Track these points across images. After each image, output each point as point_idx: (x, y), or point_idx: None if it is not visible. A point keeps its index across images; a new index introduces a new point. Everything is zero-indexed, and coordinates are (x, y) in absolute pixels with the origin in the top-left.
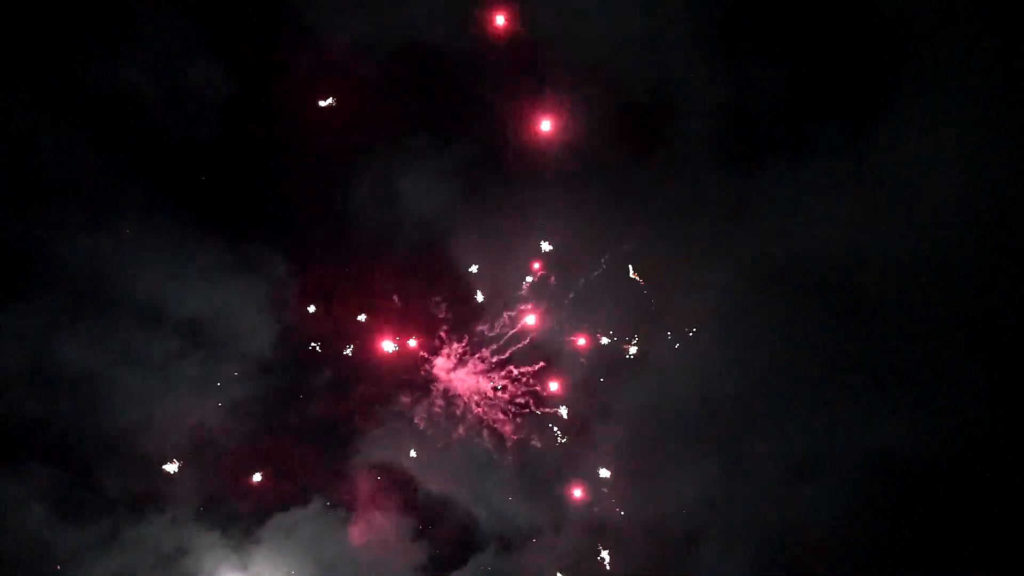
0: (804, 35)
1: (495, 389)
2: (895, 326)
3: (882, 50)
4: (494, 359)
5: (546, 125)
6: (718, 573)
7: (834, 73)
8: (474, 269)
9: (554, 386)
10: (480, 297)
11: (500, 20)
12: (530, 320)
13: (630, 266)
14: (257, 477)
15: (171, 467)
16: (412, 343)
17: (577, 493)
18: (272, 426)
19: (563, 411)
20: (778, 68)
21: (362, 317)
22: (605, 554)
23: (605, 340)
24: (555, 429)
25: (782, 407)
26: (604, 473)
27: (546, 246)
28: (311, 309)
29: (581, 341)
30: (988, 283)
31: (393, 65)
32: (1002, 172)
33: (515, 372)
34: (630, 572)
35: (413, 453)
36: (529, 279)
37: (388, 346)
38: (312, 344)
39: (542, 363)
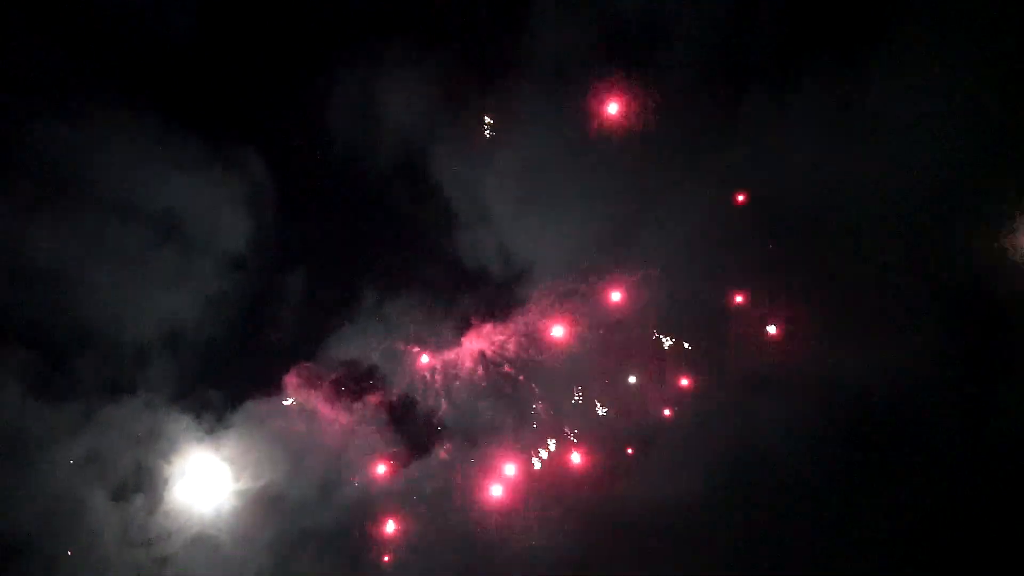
0: None
1: None
2: (861, 262)
3: None
4: None
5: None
6: (670, 478)
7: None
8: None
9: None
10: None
11: None
12: None
13: None
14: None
15: None
16: None
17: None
18: (246, 319)
19: None
20: None
21: None
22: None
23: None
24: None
25: (741, 328)
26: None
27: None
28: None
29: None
30: (956, 229)
31: None
32: (992, 113)
33: None
34: (587, 470)
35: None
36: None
37: None
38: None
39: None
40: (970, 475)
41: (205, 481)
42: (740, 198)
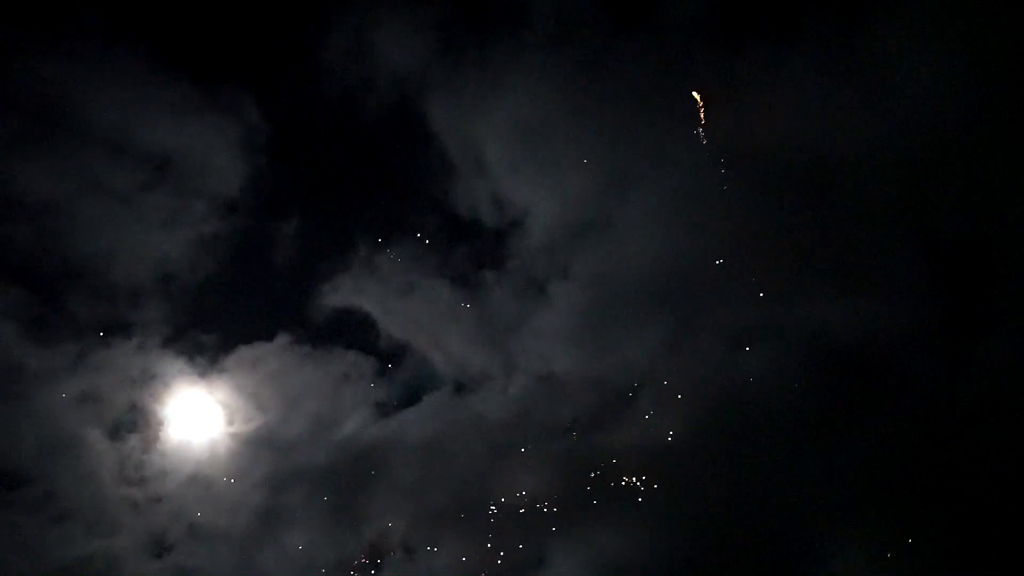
0: None
1: None
2: (851, 215)
3: None
4: None
5: None
6: (654, 422)
7: None
8: None
9: None
10: None
11: None
12: None
13: None
14: None
15: None
16: None
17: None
18: (239, 263)
19: None
20: None
21: None
22: None
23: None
24: None
25: (733, 279)
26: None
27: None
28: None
29: None
30: (949, 186)
31: None
32: (991, 78)
33: None
34: (573, 417)
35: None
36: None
37: None
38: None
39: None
40: (949, 425)
41: (199, 423)
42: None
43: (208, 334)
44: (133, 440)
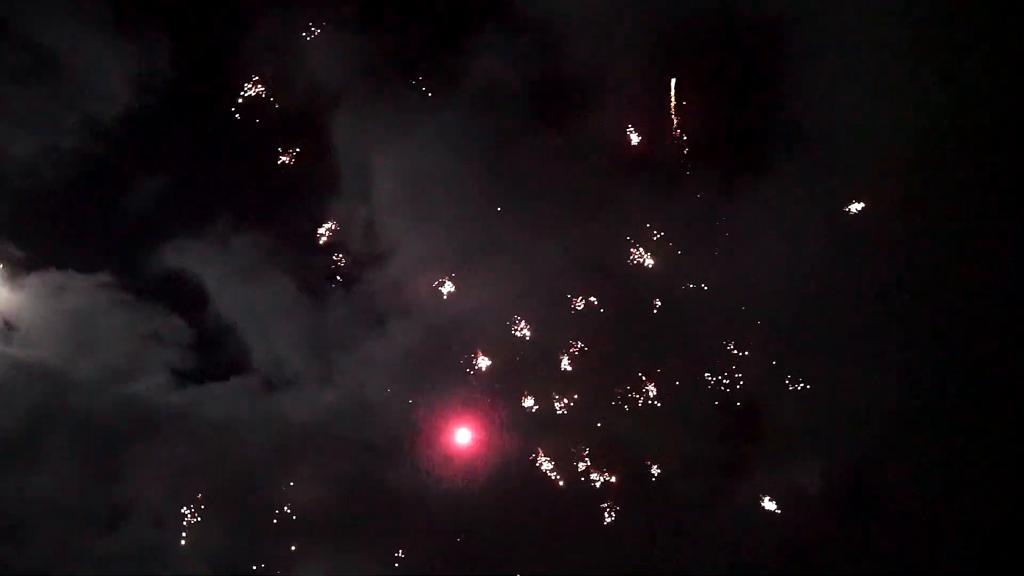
0: None
1: None
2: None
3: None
4: None
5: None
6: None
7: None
8: None
9: None
10: None
11: None
12: None
13: None
14: None
15: None
16: None
17: None
18: (88, 190)
19: None
20: None
21: None
22: None
23: None
24: None
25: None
26: None
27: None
28: None
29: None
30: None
31: None
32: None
33: None
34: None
35: None
36: None
37: None
38: None
39: None
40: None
41: None
42: None
43: (19, 248)
44: None
